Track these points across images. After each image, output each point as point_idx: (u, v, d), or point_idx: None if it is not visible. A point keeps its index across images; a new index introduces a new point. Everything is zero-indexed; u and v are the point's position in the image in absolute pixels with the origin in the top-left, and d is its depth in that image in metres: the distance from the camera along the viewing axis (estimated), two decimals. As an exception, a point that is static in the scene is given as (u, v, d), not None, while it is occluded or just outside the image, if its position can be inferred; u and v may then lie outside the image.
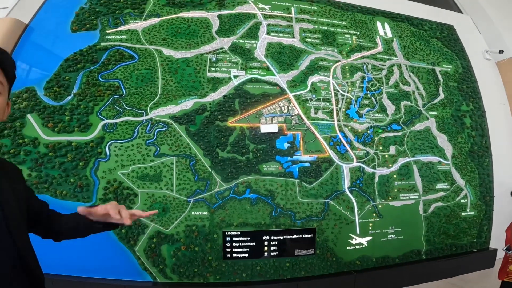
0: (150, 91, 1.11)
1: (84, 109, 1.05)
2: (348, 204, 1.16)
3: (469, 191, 1.36)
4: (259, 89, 1.18)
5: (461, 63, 1.54)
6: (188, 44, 1.19)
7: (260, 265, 1.06)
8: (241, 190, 1.08)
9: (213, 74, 1.16)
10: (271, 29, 1.28)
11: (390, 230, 1.21)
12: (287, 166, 1.13)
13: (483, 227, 1.36)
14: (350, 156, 1.21)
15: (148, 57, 1.14)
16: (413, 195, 1.26)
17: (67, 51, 1.11)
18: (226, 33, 1.23)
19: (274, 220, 1.08)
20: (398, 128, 1.31)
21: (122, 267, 0.98)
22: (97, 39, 1.15)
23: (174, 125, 1.08)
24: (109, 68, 1.11)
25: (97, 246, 0.96)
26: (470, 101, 1.47)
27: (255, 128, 1.14)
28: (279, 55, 1.25)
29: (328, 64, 1.30)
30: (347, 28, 1.39)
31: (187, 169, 1.05)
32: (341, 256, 1.14)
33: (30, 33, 1.15)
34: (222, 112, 1.12)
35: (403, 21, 1.52)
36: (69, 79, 1.08)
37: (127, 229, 0.99)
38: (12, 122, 1.01)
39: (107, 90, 1.08)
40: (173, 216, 1.02)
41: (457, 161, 1.36)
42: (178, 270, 1.00)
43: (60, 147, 1.00)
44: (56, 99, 1.05)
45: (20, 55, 1.11)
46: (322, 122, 1.21)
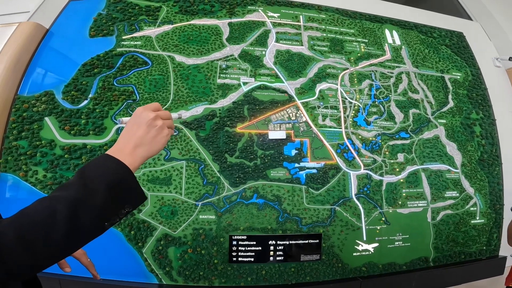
0: (162, 97, 1.14)
1: (99, 113, 1.09)
2: (355, 210, 1.16)
3: (479, 199, 1.33)
4: (267, 96, 1.20)
5: (470, 70, 1.52)
6: (199, 51, 1.22)
7: (265, 270, 1.07)
8: (249, 195, 1.09)
9: (223, 81, 1.19)
10: (280, 36, 1.30)
11: (397, 237, 1.20)
12: (295, 172, 1.14)
13: (493, 234, 1.33)
14: (358, 163, 1.21)
15: (161, 63, 1.18)
16: (421, 202, 1.25)
17: (85, 56, 1.16)
18: (236, 40, 1.26)
19: (281, 225, 1.09)
20: (407, 136, 1.30)
21: (129, 268, 1.00)
22: (113, 44, 1.19)
23: (184, 130, 1.11)
24: (124, 74, 1.15)
25: (105, 246, 0.98)
26: (480, 109, 1.46)
27: (263, 135, 1.15)
28: (287, 63, 1.27)
29: (336, 72, 1.31)
30: (355, 36, 1.40)
31: (196, 173, 1.08)
32: (347, 262, 1.13)
33: (50, 37, 1.20)
34: (231, 118, 1.15)
35: (412, 29, 1.53)
36: (86, 83, 1.12)
37: (135, 230, 1.01)
38: (30, 125, 1.06)
39: (122, 95, 1.12)
40: (181, 219, 1.04)
41: (466, 169, 1.34)
42: (184, 273, 1.01)
43: (76, 150, 1.04)
44: (73, 103, 1.10)
45: (41, 59, 1.16)
46: (329, 130, 1.22)
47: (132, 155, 0.40)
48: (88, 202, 0.34)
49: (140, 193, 0.40)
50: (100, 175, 0.36)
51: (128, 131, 0.42)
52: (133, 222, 1.02)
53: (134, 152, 0.40)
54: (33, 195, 1.00)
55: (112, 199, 0.36)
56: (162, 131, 0.43)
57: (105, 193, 0.35)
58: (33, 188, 1.01)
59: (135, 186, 0.39)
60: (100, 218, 0.35)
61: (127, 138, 0.42)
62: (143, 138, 0.41)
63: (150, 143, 0.42)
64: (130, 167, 0.38)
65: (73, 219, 0.32)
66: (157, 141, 0.43)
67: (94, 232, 0.35)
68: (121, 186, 0.37)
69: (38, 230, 0.31)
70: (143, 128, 0.42)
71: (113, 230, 1.01)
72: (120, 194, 0.37)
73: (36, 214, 0.32)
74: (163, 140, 0.43)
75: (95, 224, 0.35)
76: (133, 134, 0.42)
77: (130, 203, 0.38)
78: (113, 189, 0.36)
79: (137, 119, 0.43)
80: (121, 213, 0.37)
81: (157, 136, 0.42)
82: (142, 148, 0.41)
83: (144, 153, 0.41)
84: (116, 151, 0.40)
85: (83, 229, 0.33)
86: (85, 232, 0.34)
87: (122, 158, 0.39)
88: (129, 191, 0.38)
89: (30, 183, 1.01)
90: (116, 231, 1.01)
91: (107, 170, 0.37)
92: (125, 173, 0.38)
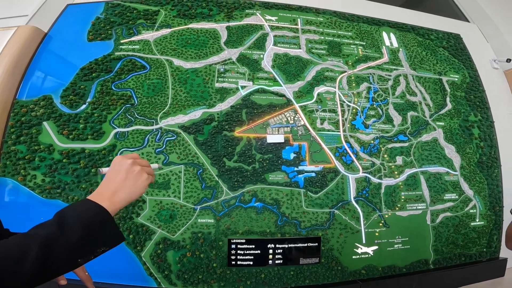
0: (161, 101, 1.14)
1: (97, 117, 1.09)
2: (354, 213, 1.16)
3: (478, 202, 1.33)
4: (265, 100, 1.20)
5: (468, 72, 1.53)
6: (198, 54, 1.22)
7: (264, 273, 1.07)
8: (247, 198, 1.09)
9: (221, 85, 1.19)
10: (278, 40, 1.31)
11: (396, 240, 1.19)
12: (293, 176, 1.14)
13: (493, 236, 1.33)
14: (356, 167, 1.21)
15: (159, 67, 1.18)
16: (420, 205, 1.25)
17: (83, 60, 1.16)
18: (234, 44, 1.26)
19: (279, 229, 1.09)
20: (405, 139, 1.30)
21: (128, 272, 1.00)
22: (111, 48, 1.19)
23: (183, 134, 1.11)
24: (122, 78, 1.15)
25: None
26: (478, 111, 1.46)
27: (261, 138, 1.15)
28: (285, 66, 1.27)
29: (334, 75, 1.31)
30: (353, 38, 1.41)
31: (195, 177, 1.08)
32: (346, 265, 1.13)
33: (48, 41, 1.20)
34: (229, 122, 1.15)
35: (409, 31, 1.53)
36: (84, 87, 1.13)
37: (134, 234, 1.01)
38: (28, 129, 1.06)
39: (120, 99, 1.12)
40: (180, 223, 1.04)
41: (465, 172, 1.34)
42: (182, 277, 1.01)
43: (74, 154, 1.04)
44: (71, 107, 1.10)
45: (39, 63, 1.16)
46: (328, 133, 1.22)
47: (111, 200, 0.42)
48: (62, 242, 0.35)
49: (116, 235, 0.42)
50: (77, 216, 0.38)
51: (108, 178, 0.45)
52: (131, 226, 1.02)
53: (114, 197, 0.43)
54: (31, 199, 1.00)
55: (87, 239, 0.37)
56: (141, 176, 0.46)
57: (80, 233, 0.36)
58: (32, 193, 1.01)
59: (112, 228, 0.41)
60: (73, 256, 0.36)
61: (107, 185, 0.44)
62: (123, 183, 0.44)
63: (130, 188, 0.45)
64: (109, 209, 0.40)
65: (44, 258, 0.34)
66: (137, 186, 0.45)
67: (65, 268, 0.37)
68: (97, 228, 0.39)
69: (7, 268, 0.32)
70: (122, 174, 0.45)
71: (111, 234, 1.00)
72: (95, 235, 0.38)
73: (7, 252, 0.33)
74: (143, 184, 0.46)
75: (67, 262, 0.36)
76: (112, 180, 0.45)
77: (106, 244, 0.40)
78: (88, 230, 0.37)
79: (116, 167, 0.46)
80: (97, 251, 0.39)
81: (137, 181, 0.45)
82: (122, 192, 0.44)
83: (123, 196, 0.44)
84: (97, 196, 0.42)
85: (54, 266, 0.35)
86: (56, 268, 0.35)
87: (102, 202, 0.41)
88: (105, 233, 0.40)
89: (29, 187, 1.01)
90: (114, 235, 1.01)
91: (84, 213, 0.39)
92: (101, 215, 0.40)
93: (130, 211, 1.03)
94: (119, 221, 1.02)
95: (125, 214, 1.02)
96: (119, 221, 1.02)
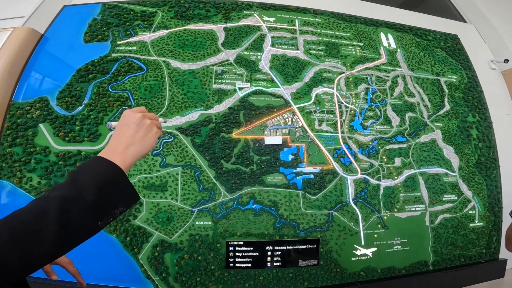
0: (158, 102, 1.14)
1: (94, 119, 1.08)
2: (353, 215, 1.15)
3: (477, 202, 1.33)
4: (263, 101, 1.20)
5: (466, 73, 1.53)
6: (195, 56, 1.22)
7: (263, 275, 1.06)
8: (245, 200, 1.08)
9: (219, 86, 1.18)
10: (276, 41, 1.30)
11: (395, 241, 1.19)
12: (291, 177, 1.13)
13: (492, 237, 1.32)
14: (355, 168, 1.20)
15: (156, 69, 1.18)
16: (419, 206, 1.24)
17: (79, 62, 1.15)
18: (232, 45, 1.26)
19: (278, 231, 1.08)
20: (403, 140, 1.30)
21: (125, 274, 0.99)
22: (108, 50, 1.19)
23: (180, 136, 1.10)
24: (119, 79, 1.14)
25: (101, 252, 0.98)
26: (476, 112, 1.46)
27: (259, 140, 1.15)
28: (283, 67, 1.27)
29: (332, 76, 1.31)
30: (351, 39, 1.41)
31: (192, 179, 1.07)
32: (346, 267, 1.12)
33: (45, 43, 1.19)
34: (227, 124, 1.14)
35: (407, 32, 1.53)
36: (80, 89, 1.12)
37: (131, 237, 1.00)
38: (24, 131, 1.05)
39: (117, 101, 1.11)
40: (177, 225, 1.03)
41: (464, 172, 1.34)
42: (180, 279, 1.00)
43: (70, 156, 1.04)
44: (67, 109, 1.09)
45: (35, 65, 1.15)
46: (326, 134, 1.22)
47: (123, 154, 0.41)
48: (78, 201, 0.34)
49: (132, 192, 0.40)
50: (90, 175, 0.37)
51: (118, 133, 0.44)
52: (128, 228, 1.01)
53: (125, 152, 0.41)
54: (27, 201, 0.99)
55: (103, 198, 0.36)
56: (151, 129, 0.45)
57: (96, 192, 0.35)
58: (28, 195, 1.00)
59: (127, 185, 0.40)
60: (92, 216, 0.35)
61: (117, 139, 0.43)
62: (133, 137, 0.43)
63: (141, 141, 0.43)
64: (122, 166, 0.39)
65: (64, 217, 0.33)
66: (147, 139, 0.44)
67: (87, 231, 0.36)
68: (112, 185, 0.38)
69: (29, 229, 0.31)
70: (133, 128, 0.43)
71: (108, 236, 1.00)
72: (111, 193, 0.37)
73: (27, 213, 0.33)
74: (153, 137, 0.45)
75: (87, 222, 0.35)
76: (123, 134, 0.43)
77: (123, 203, 0.39)
78: (104, 188, 0.36)
79: (125, 120, 0.44)
80: (115, 212, 0.38)
81: (147, 134, 0.44)
82: (133, 147, 0.43)
83: (135, 152, 0.43)
84: (108, 152, 0.41)
85: (74, 227, 0.34)
86: (77, 231, 0.34)
87: (113, 158, 0.39)
88: (121, 190, 0.39)
89: (25, 189, 1.00)
90: (111, 237, 1.00)
91: (97, 170, 0.38)
92: (115, 172, 0.39)
93: (127, 213, 1.02)
94: (116, 223, 1.01)
95: (122, 216, 1.01)
96: (115, 223, 1.01)
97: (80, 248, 0.44)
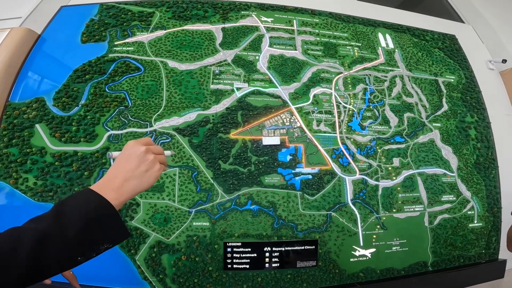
0: (155, 103, 1.13)
1: (90, 119, 1.08)
2: (351, 216, 1.15)
3: (476, 203, 1.33)
4: (261, 101, 1.20)
5: (464, 73, 1.53)
6: (193, 56, 1.22)
7: (261, 277, 1.05)
8: (243, 201, 1.08)
9: (216, 86, 1.18)
10: (274, 41, 1.30)
11: (394, 242, 1.18)
12: (289, 178, 1.13)
13: (492, 238, 1.32)
14: (353, 169, 1.20)
15: (154, 69, 1.17)
16: (418, 207, 1.24)
17: (76, 62, 1.15)
18: (230, 45, 1.25)
19: (276, 232, 1.08)
20: (402, 140, 1.30)
21: (122, 275, 0.98)
22: (105, 50, 1.18)
23: (177, 137, 1.10)
24: (116, 80, 1.14)
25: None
26: (474, 112, 1.46)
27: (257, 141, 1.14)
28: (281, 67, 1.27)
29: (330, 76, 1.31)
30: (349, 39, 1.41)
31: (190, 180, 1.06)
32: (344, 268, 1.12)
33: (42, 43, 1.19)
34: (224, 124, 1.14)
35: (405, 32, 1.54)
36: (77, 89, 1.11)
37: (128, 238, 0.99)
38: (21, 132, 1.04)
39: (114, 101, 1.10)
40: (175, 226, 1.02)
41: (462, 173, 1.34)
42: (178, 280, 1.00)
43: (66, 157, 1.03)
44: (64, 109, 1.09)
45: (32, 65, 1.15)
46: (324, 135, 1.21)
47: (119, 190, 0.38)
48: (58, 235, 0.32)
49: (121, 230, 0.38)
50: (78, 211, 0.34)
51: (118, 165, 0.41)
52: (125, 230, 1.00)
53: (122, 187, 0.39)
54: (23, 202, 0.98)
55: (88, 236, 0.34)
56: (153, 166, 0.42)
57: (79, 228, 0.33)
58: (24, 196, 0.99)
59: (116, 223, 0.37)
60: (71, 252, 0.33)
61: (115, 172, 0.40)
62: (133, 172, 0.40)
63: (140, 177, 0.40)
64: (115, 202, 0.37)
65: (37, 251, 0.31)
66: (147, 176, 0.41)
67: (63, 266, 0.34)
68: (100, 224, 0.35)
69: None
70: (134, 162, 0.40)
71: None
72: (97, 232, 0.35)
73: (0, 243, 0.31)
74: (154, 175, 0.42)
75: (65, 258, 0.33)
76: (122, 167, 0.40)
77: (109, 240, 0.37)
78: (90, 226, 0.34)
79: (127, 152, 0.41)
80: (99, 249, 0.36)
81: (148, 171, 0.41)
82: (132, 182, 0.40)
83: (133, 187, 0.40)
84: (102, 186, 0.38)
85: (48, 262, 0.32)
86: (51, 265, 0.32)
87: (106, 193, 0.37)
88: (109, 229, 0.37)
89: (21, 190, 0.99)
90: (108, 240, 0.99)
91: (86, 206, 0.35)
92: (106, 211, 0.36)
93: (124, 214, 1.01)
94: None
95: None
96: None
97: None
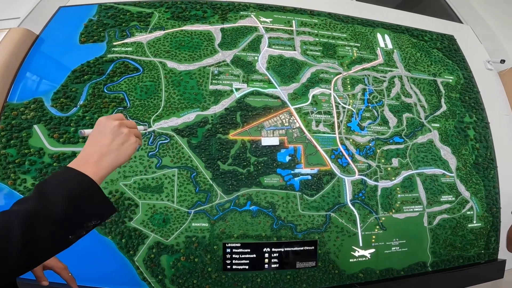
0: (154, 103, 1.13)
1: (89, 120, 1.07)
2: (350, 216, 1.15)
3: (475, 203, 1.33)
4: (260, 102, 1.19)
5: (462, 73, 1.54)
6: (191, 56, 1.21)
7: (260, 277, 1.05)
8: (242, 202, 1.07)
9: (215, 87, 1.18)
10: (273, 42, 1.30)
11: (394, 242, 1.18)
12: (288, 178, 1.12)
13: (491, 238, 1.32)
14: (352, 169, 1.20)
15: (152, 70, 1.17)
16: (417, 207, 1.24)
17: (75, 63, 1.15)
18: (229, 46, 1.25)
19: (275, 232, 1.07)
20: (401, 141, 1.30)
21: (121, 276, 0.98)
22: (104, 51, 1.18)
23: (176, 138, 1.10)
24: (114, 80, 1.14)
25: (96, 255, 0.96)
26: (473, 113, 1.46)
27: (256, 141, 1.14)
28: (280, 68, 1.27)
29: (329, 77, 1.31)
30: (348, 40, 1.41)
31: (188, 181, 1.06)
32: (344, 269, 1.11)
33: (40, 44, 1.19)
34: (223, 125, 1.14)
35: (403, 32, 1.54)
36: (76, 90, 1.11)
37: (127, 239, 0.99)
38: (19, 133, 1.04)
39: (112, 102, 1.10)
40: (173, 227, 1.02)
41: (461, 173, 1.34)
42: (177, 281, 0.99)
43: (65, 158, 1.02)
44: (62, 110, 1.08)
45: (30, 66, 1.14)
46: (323, 135, 1.21)
47: (97, 165, 0.38)
48: (45, 215, 0.32)
49: (106, 205, 0.38)
50: (59, 188, 0.34)
51: (92, 141, 0.41)
52: (124, 230, 1.00)
53: (99, 162, 0.39)
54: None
55: (74, 212, 0.34)
56: (129, 138, 0.42)
57: (65, 206, 0.33)
58: (22, 197, 0.99)
59: (100, 197, 0.37)
60: (61, 231, 0.33)
61: (91, 148, 0.40)
62: (109, 146, 0.40)
63: (117, 151, 0.41)
64: (95, 177, 0.37)
65: (29, 232, 0.30)
66: (124, 149, 0.41)
67: (56, 246, 0.34)
68: (84, 199, 0.35)
69: None
70: (109, 136, 0.41)
71: (104, 238, 0.99)
72: (82, 207, 0.35)
73: None
74: (131, 147, 0.42)
75: (55, 237, 0.33)
76: (98, 143, 0.40)
77: (96, 216, 0.37)
78: (74, 202, 0.34)
79: (100, 128, 0.41)
80: (88, 225, 0.36)
81: (124, 144, 0.41)
82: (109, 156, 0.40)
83: (110, 161, 0.40)
84: (79, 162, 0.38)
85: (41, 243, 0.32)
86: (44, 246, 0.32)
87: (85, 169, 0.37)
88: (93, 204, 0.36)
89: (19, 191, 0.99)
90: (107, 239, 0.99)
91: (66, 183, 0.35)
92: (87, 185, 0.36)
93: (123, 215, 1.01)
94: (111, 225, 1.00)
95: (117, 218, 1.00)
96: (111, 225, 1.00)
97: (75, 250, 0.43)
